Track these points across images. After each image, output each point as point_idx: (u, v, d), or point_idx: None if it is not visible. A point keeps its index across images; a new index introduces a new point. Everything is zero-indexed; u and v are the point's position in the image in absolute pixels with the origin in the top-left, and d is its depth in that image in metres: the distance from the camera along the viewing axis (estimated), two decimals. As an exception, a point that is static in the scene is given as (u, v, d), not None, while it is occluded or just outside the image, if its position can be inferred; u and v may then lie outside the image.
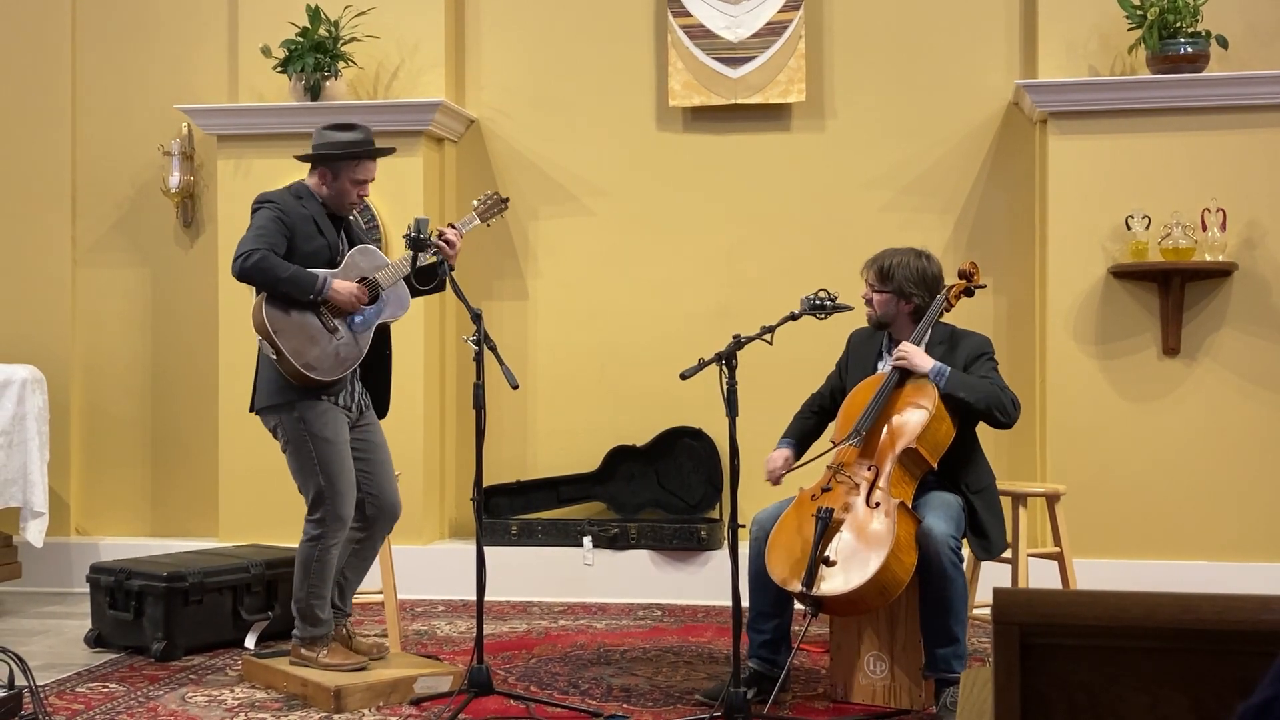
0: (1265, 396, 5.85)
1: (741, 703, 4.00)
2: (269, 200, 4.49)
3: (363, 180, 4.54)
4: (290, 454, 4.51)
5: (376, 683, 4.41)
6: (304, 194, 4.54)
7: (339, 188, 4.52)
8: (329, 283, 4.39)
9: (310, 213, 4.49)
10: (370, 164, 4.56)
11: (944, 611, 4.15)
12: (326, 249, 4.50)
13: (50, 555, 6.40)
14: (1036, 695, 1.69)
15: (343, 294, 4.40)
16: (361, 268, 4.52)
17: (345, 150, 4.49)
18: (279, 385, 4.42)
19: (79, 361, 6.83)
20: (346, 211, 4.60)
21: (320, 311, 4.40)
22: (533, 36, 6.64)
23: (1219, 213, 5.79)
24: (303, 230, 4.45)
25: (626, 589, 6.19)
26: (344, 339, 4.45)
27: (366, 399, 4.65)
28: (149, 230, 6.81)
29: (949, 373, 4.29)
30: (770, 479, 4.56)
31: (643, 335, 6.50)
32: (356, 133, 4.54)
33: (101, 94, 6.82)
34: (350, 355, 4.48)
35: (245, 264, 4.32)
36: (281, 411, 4.47)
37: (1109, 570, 5.70)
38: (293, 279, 4.33)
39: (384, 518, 4.66)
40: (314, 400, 4.43)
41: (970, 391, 4.28)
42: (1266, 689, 1.32)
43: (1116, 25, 5.96)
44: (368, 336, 4.52)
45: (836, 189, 6.39)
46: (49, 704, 4.28)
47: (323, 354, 4.39)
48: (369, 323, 4.52)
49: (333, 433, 4.46)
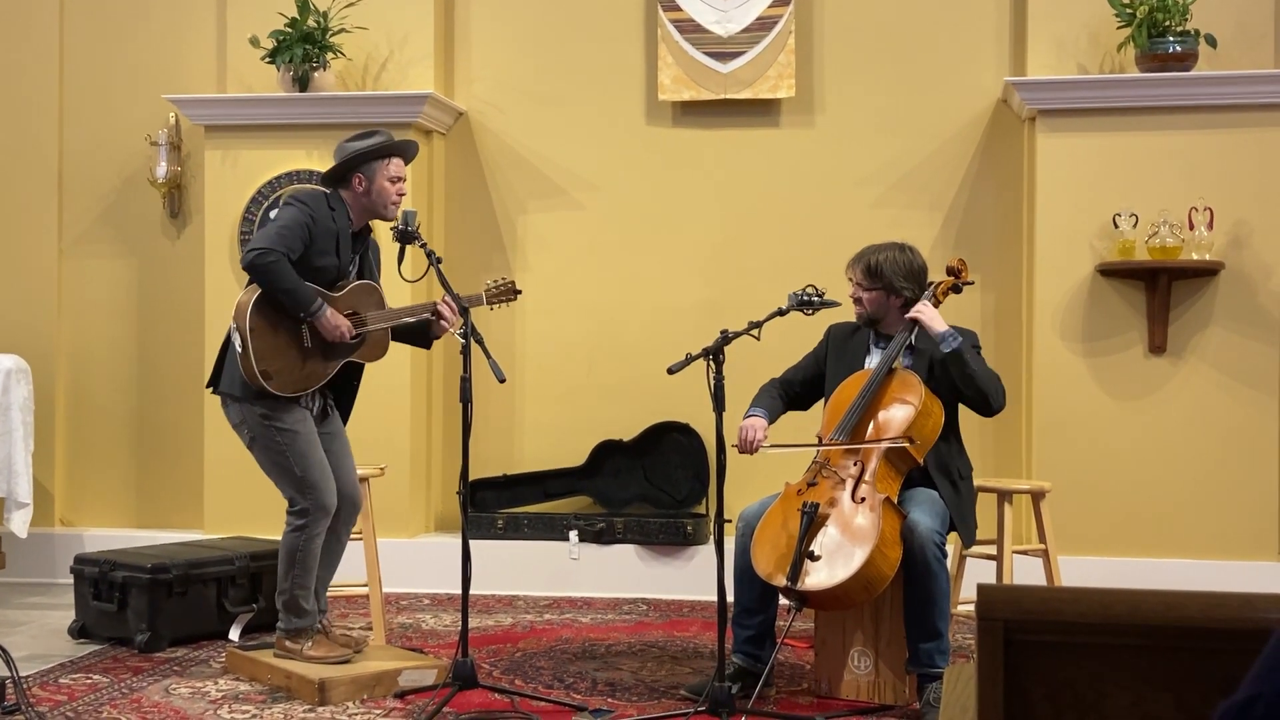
0: (1251, 395, 5.86)
1: (726, 698, 4.01)
2: (303, 201, 4.44)
3: (397, 178, 4.52)
4: (259, 452, 4.49)
5: (361, 675, 4.41)
6: (338, 206, 4.50)
7: (377, 188, 4.49)
8: (323, 310, 4.35)
9: (338, 228, 4.46)
10: (400, 161, 4.55)
11: (928, 606, 4.16)
12: (335, 269, 4.47)
13: (34, 546, 6.38)
14: (1020, 692, 1.69)
15: (330, 326, 4.37)
16: (358, 301, 4.50)
17: (375, 149, 4.47)
18: (242, 378, 4.41)
19: (64, 352, 6.80)
20: (388, 215, 4.53)
21: (304, 328, 4.38)
22: (523, 30, 6.62)
23: (1206, 211, 5.80)
24: (322, 243, 4.41)
25: (612, 584, 6.18)
26: (313, 361, 4.42)
27: (330, 403, 4.65)
28: (135, 220, 6.79)
29: (961, 340, 4.32)
30: (747, 448, 4.43)
31: (630, 330, 6.49)
32: (379, 135, 4.55)
33: (89, 83, 6.79)
34: (312, 378, 4.45)
35: (257, 260, 4.27)
36: (244, 404, 4.45)
37: (1093, 567, 5.71)
38: (293, 292, 4.30)
39: (346, 510, 4.64)
40: (273, 398, 4.41)
41: (978, 364, 4.34)
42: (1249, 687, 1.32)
43: (1106, 23, 5.97)
44: (335, 365, 4.49)
45: (825, 185, 6.39)
46: (32, 695, 4.26)
47: (285, 368, 4.37)
48: (340, 357, 4.49)
49: (299, 425, 4.45)
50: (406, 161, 4.60)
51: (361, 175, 4.49)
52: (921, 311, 4.39)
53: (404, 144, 4.60)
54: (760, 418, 4.49)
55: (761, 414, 4.51)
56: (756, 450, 4.45)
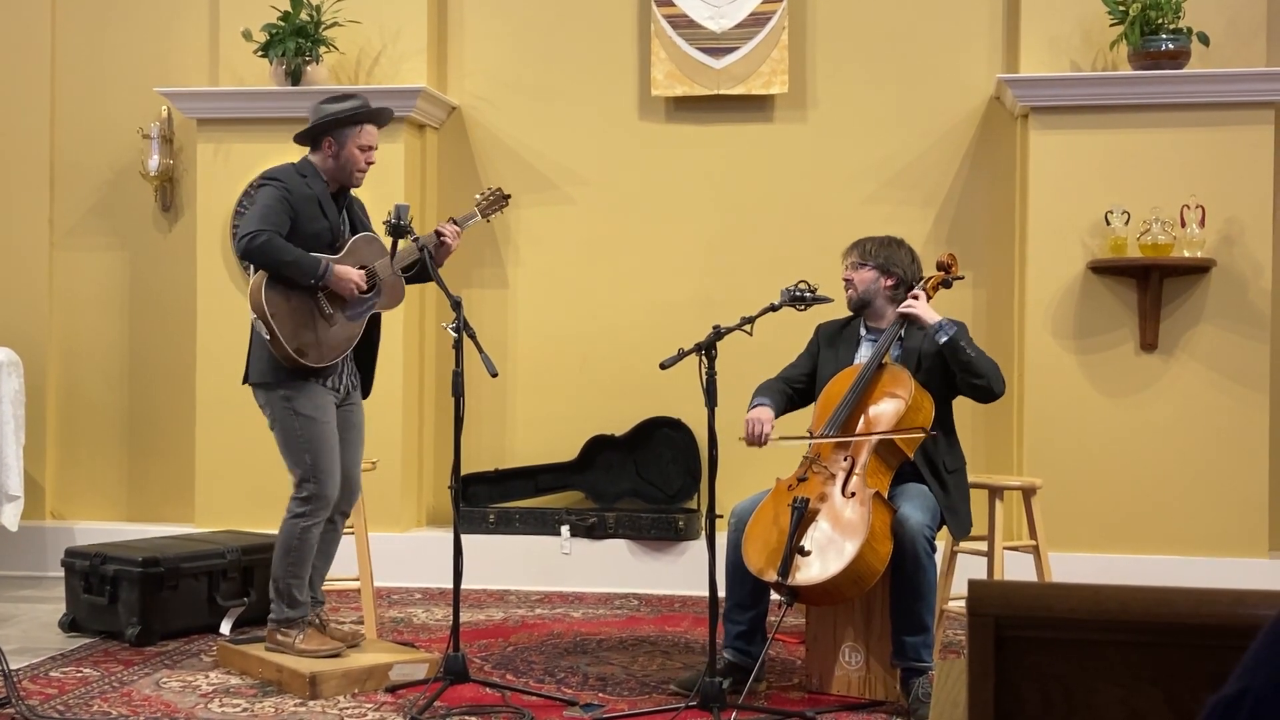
0: (1241, 392, 5.87)
1: (716, 693, 4.01)
2: (275, 178, 4.46)
3: (368, 146, 4.52)
4: (277, 432, 4.51)
5: (352, 669, 4.41)
6: (309, 172, 4.52)
7: (346, 155, 4.50)
8: (331, 269, 4.38)
9: (315, 192, 4.48)
10: (373, 129, 4.54)
11: (916, 601, 4.17)
12: (329, 231, 4.49)
13: (25, 539, 6.37)
14: (1010, 687, 1.69)
15: (342, 281, 4.39)
16: (363, 255, 4.51)
17: (348, 114, 4.47)
18: (270, 364, 4.42)
19: (56, 345, 6.79)
20: (354, 182, 4.57)
21: (318, 297, 4.40)
22: (516, 24, 6.62)
23: (1198, 209, 5.81)
24: (306, 211, 4.43)
25: (604, 578, 6.19)
26: (338, 325, 4.45)
27: (355, 379, 4.66)
28: (127, 214, 6.77)
29: (956, 329, 4.33)
30: (755, 440, 4.39)
31: (623, 324, 6.49)
32: (354, 100, 4.54)
33: (81, 76, 6.78)
34: (343, 342, 4.49)
35: (250, 245, 4.30)
36: (270, 390, 4.47)
37: (1084, 564, 5.72)
38: (296, 263, 4.33)
39: (345, 496, 4.65)
40: (302, 381, 4.44)
41: (975, 351, 4.35)
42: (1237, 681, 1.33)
43: (1099, 21, 5.97)
44: (361, 324, 4.53)
45: (818, 181, 6.39)
46: (22, 688, 4.25)
47: (316, 340, 4.40)
48: (364, 310, 4.52)
49: (319, 412, 4.47)
50: (380, 127, 4.60)
51: (331, 139, 4.50)
52: (913, 305, 4.41)
53: (377, 111, 4.57)
54: (766, 408, 4.46)
55: (767, 404, 4.48)
56: (765, 443, 4.41)
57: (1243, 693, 1.31)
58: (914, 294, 4.46)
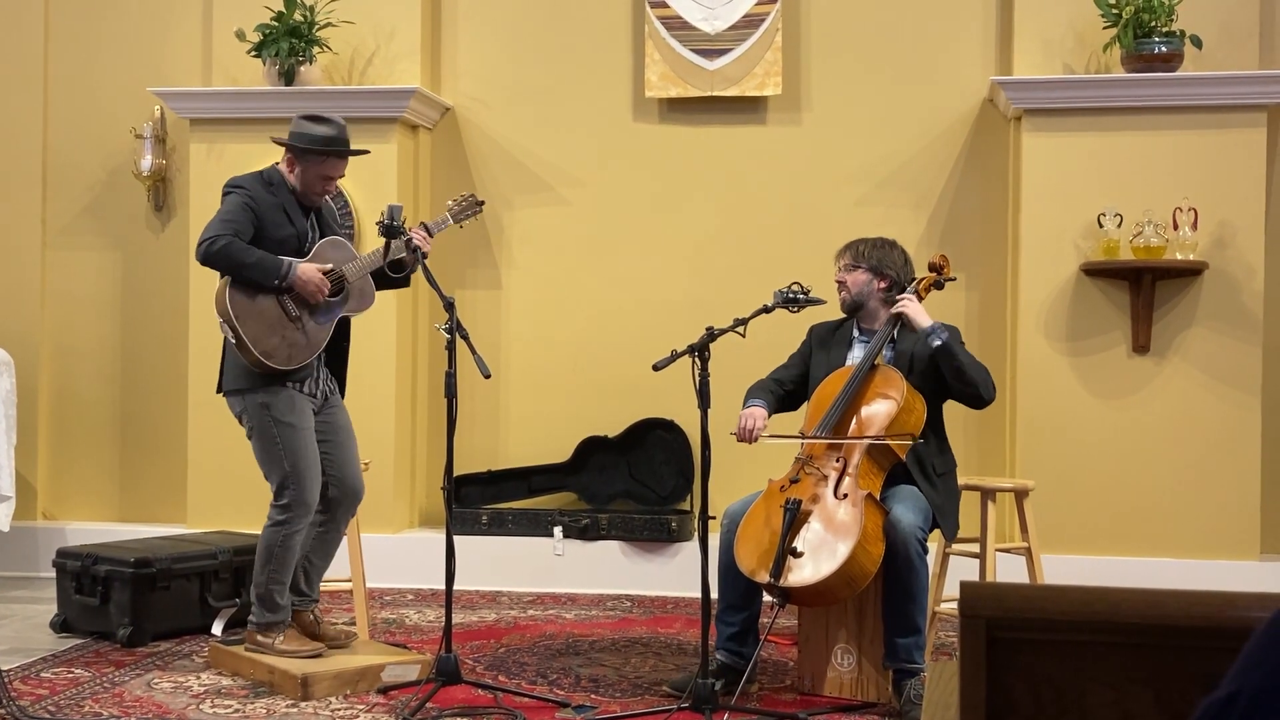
0: (1233, 395, 5.88)
1: (709, 694, 4.01)
2: (239, 185, 4.48)
3: (328, 176, 4.53)
4: (255, 439, 4.49)
5: (344, 670, 4.40)
6: (275, 180, 4.52)
7: (305, 180, 4.51)
8: (294, 269, 4.37)
9: (280, 201, 4.48)
10: (340, 161, 4.54)
11: (907, 602, 4.17)
12: (295, 238, 4.49)
13: (16, 540, 6.36)
14: (1002, 689, 1.69)
15: (305, 281, 4.38)
16: (330, 259, 4.51)
17: (315, 146, 4.46)
18: (243, 371, 4.41)
19: (48, 345, 6.78)
20: (312, 203, 4.59)
21: (283, 299, 4.39)
22: (510, 25, 6.62)
23: (1191, 212, 5.82)
24: (271, 218, 4.44)
25: (596, 580, 6.19)
26: (305, 328, 4.43)
27: (332, 384, 4.65)
28: (120, 213, 6.77)
29: (948, 334, 4.33)
30: (746, 437, 4.42)
31: (616, 326, 6.49)
32: (330, 128, 4.49)
33: (74, 75, 6.77)
34: (310, 345, 4.46)
35: (210, 249, 4.32)
36: (245, 396, 4.46)
37: (1076, 566, 5.73)
38: (258, 264, 4.33)
39: (347, 500, 4.64)
40: (277, 386, 4.42)
41: (966, 357, 4.35)
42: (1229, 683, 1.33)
43: (1092, 24, 5.98)
44: (329, 328, 4.51)
45: (811, 182, 6.40)
46: (14, 689, 4.25)
47: (282, 343, 4.38)
48: (332, 314, 4.50)
49: (297, 418, 4.45)
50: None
51: (296, 161, 4.51)
52: (906, 306, 4.41)
53: (342, 150, 4.51)
54: (760, 407, 4.49)
55: (761, 404, 4.51)
56: (756, 440, 4.43)
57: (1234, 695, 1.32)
58: (906, 295, 4.46)
